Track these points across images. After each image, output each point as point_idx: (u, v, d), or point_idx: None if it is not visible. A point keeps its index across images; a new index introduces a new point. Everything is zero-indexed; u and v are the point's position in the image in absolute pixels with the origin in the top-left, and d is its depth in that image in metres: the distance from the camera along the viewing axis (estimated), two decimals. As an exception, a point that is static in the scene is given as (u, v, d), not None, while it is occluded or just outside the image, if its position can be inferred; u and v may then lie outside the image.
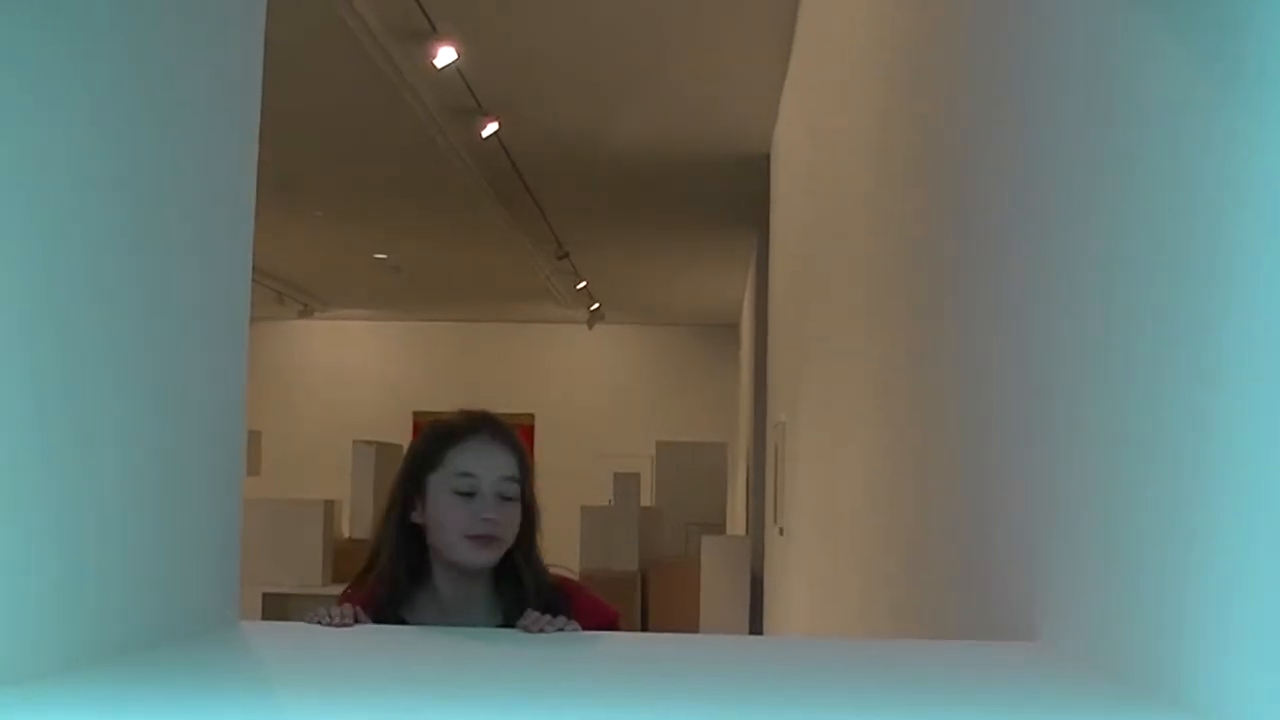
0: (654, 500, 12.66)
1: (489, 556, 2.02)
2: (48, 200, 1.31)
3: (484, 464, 2.04)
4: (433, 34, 6.83)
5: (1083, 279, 1.61)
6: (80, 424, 1.36)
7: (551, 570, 2.11)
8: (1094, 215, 1.54)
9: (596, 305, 15.31)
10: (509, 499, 2.04)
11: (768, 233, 9.29)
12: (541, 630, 1.79)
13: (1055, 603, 1.68)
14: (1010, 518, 1.98)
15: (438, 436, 2.09)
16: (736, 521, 12.81)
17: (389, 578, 2.04)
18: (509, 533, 2.03)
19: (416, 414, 15.98)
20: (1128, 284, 1.42)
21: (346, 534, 9.80)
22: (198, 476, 1.67)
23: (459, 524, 2.00)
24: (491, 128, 8.25)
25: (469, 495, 2.01)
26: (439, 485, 2.03)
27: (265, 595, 7.23)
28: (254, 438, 10.68)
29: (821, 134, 5.41)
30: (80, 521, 1.36)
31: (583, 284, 13.88)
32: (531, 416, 16.70)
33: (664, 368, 17.09)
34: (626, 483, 11.18)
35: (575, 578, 2.23)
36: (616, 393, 17.00)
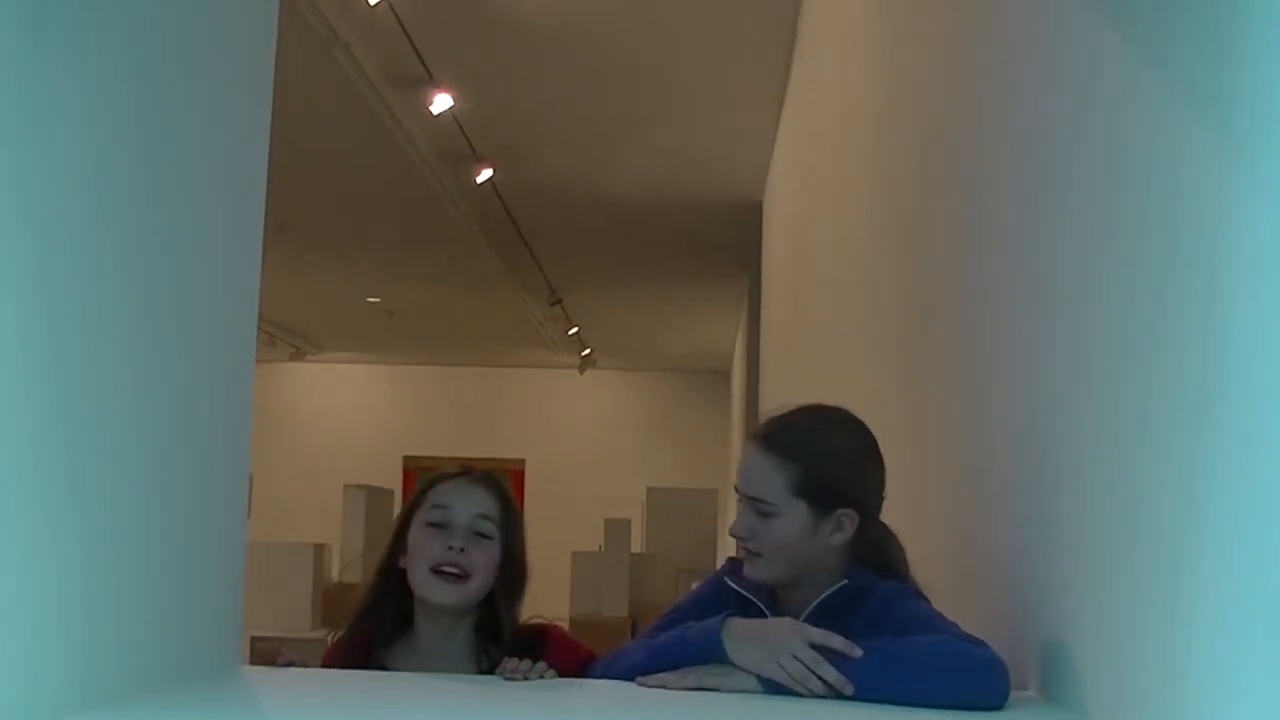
0: (645, 546, 12.61)
1: (456, 594, 1.99)
2: (51, 237, 1.32)
3: (458, 498, 2.03)
4: (429, 80, 6.89)
5: (1085, 342, 1.62)
6: (83, 467, 1.37)
7: (531, 619, 2.09)
8: (1106, 240, 1.56)
9: (588, 351, 15.32)
10: (485, 537, 2.02)
11: (759, 279, 9.32)
12: (525, 677, 1.80)
13: (1049, 650, 1.69)
14: (999, 568, 1.98)
15: (425, 482, 2.11)
16: (727, 568, 12.71)
17: (369, 619, 2.05)
18: (480, 570, 2.00)
19: (407, 458, 15.93)
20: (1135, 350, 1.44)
21: (336, 578, 9.74)
22: (201, 521, 1.67)
23: (428, 556, 1.99)
24: (486, 174, 8.30)
25: (441, 527, 2.00)
26: (416, 524, 2.04)
27: (254, 639, 7.17)
28: (244, 480, 10.60)
29: (814, 180, 5.44)
30: (83, 565, 1.36)
31: (574, 329, 13.90)
32: (522, 461, 16.65)
33: (655, 414, 17.06)
34: (617, 528, 11.14)
35: (547, 621, 2.20)
36: (607, 438, 16.97)
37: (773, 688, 1.61)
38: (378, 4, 5.92)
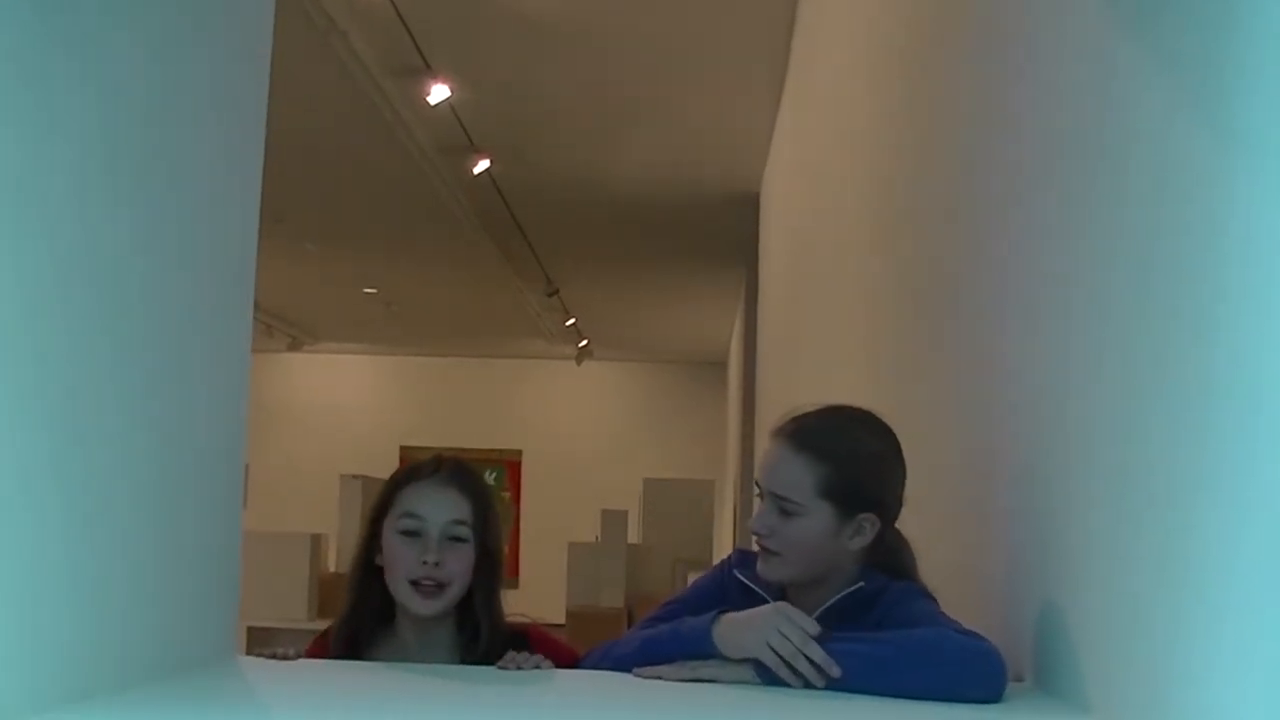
0: (641, 537, 12.62)
1: (434, 605, 1.97)
2: (49, 229, 1.32)
3: (430, 505, 1.99)
4: (427, 71, 6.87)
5: (1081, 323, 1.62)
6: (80, 459, 1.37)
7: (511, 618, 2.07)
8: (1107, 238, 1.56)
9: (585, 342, 15.31)
10: (459, 541, 1.99)
11: (757, 271, 9.32)
12: (519, 668, 1.81)
13: (1046, 643, 1.69)
14: (994, 560, 1.99)
15: (394, 479, 2.07)
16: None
17: (353, 621, 2.03)
18: (457, 578, 1.98)
19: (404, 449, 15.92)
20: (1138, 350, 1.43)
21: (332, 568, 9.74)
22: (198, 511, 1.67)
23: (403, 567, 1.97)
24: (483, 165, 8.28)
25: (414, 536, 1.98)
26: (389, 528, 2.01)
27: (250, 629, 7.18)
28: (241, 470, 10.59)
29: (812, 173, 5.44)
30: (80, 556, 1.37)
31: (571, 320, 13.89)
32: (519, 453, 16.64)
33: (652, 405, 17.06)
34: (614, 519, 11.15)
35: (530, 621, 2.17)
36: (604, 429, 16.97)
37: (768, 678, 1.61)
38: (375, -7, 5.91)
